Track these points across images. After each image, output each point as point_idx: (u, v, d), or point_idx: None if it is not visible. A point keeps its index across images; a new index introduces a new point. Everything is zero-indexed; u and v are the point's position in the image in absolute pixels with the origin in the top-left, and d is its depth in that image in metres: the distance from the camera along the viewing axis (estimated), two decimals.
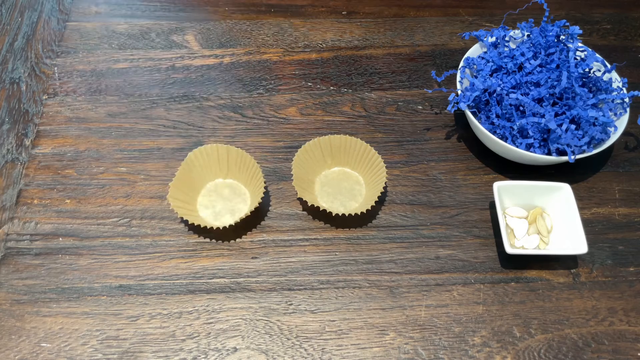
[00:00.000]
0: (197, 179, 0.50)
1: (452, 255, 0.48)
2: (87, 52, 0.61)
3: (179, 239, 0.48)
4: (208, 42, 0.62)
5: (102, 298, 0.45)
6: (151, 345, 0.43)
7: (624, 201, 0.52)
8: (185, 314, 0.44)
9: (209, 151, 0.50)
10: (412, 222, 0.50)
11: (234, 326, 0.44)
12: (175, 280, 0.46)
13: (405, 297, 0.46)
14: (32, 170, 0.52)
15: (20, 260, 0.47)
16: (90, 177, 0.51)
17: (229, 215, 0.49)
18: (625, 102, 0.51)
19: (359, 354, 0.43)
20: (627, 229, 0.50)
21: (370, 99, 0.58)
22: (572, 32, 0.53)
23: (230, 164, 0.50)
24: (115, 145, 0.54)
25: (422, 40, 0.63)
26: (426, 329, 0.44)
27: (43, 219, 0.49)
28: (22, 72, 0.59)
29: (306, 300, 0.45)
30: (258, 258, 0.47)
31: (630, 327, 0.45)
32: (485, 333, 0.44)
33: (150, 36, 0.62)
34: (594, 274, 0.47)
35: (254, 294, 0.45)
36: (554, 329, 0.44)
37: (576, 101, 0.50)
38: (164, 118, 0.56)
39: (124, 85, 0.58)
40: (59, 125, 0.55)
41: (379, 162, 0.49)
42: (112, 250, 0.47)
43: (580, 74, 0.51)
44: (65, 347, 0.43)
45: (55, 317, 0.44)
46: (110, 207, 0.50)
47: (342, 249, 0.48)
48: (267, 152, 0.54)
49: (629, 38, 0.64)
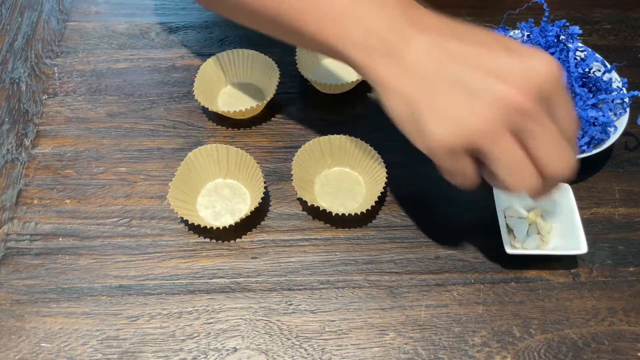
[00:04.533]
0: (197, 179, 0.50)
1: (452, 255, 0.48)
2: (87, 52, 0.61)
3: (179, 239, 0.48)
4: (208, 41, 0.62)
5: (102, 298, 0.45)
6: (151, 345, 0.43)
7: (624, 201, 0.52)
8: (185, 314, 0.44)
9: (208, 151, 0.50)
10: (412, 222, 0.50)
11: (234, 326, 0.44)
12: (175, 280, 0.46)
13: (405, 297, 0.46)
14: (32, 170, 0.52)
15: (20, 260, 0.47)
16: (90, 177, 0.51)
17: (229, 215, 0.49)
18: (625, 102, 0.51)
19: (359, 354, 0.43)
20: (627, 229, 0.50)
21: (371, 99, 0.57)
22: (572, 32, 0.53)
23: (230, 164, 0.50)
24: (115, 145, 0.54)
25: None
26: (426, 329, 0.44)
27: (43, 219, 0.49)
28: (22, 72, 0.59)
29: (306, 300, 0.45)
30: (258, 258, 0.47)
31: (630, 327, 0.45)
32: (485, 333, 0.44)
33: (150, 36, 0.62)
34: (594, 274, 0.47)
35: (254, 294, 0.45)
36: (554, 329, 0.44)
37: (576, 101, 0.50)
38: (163, 118, 0.56)
39: (124, 85, 0.58)
40: (58, 125, 0.55)
41: (379, 162, 0.49)
42: (112, 250, 0.47)
43: (580, 74, 0.51)
44: (65, 347, 0.43)
45: (55, 317, 0.44)
46: (110, 207, 0.50)
47: (342, 249, 0.48)
48: (267, 152, 0.54)
49: (629, 38, 0.64)
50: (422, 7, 0.39)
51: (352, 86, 0.57)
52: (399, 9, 0.37)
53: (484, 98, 0.34)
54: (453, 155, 0.36)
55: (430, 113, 0.36)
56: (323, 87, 0.56)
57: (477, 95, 0.34)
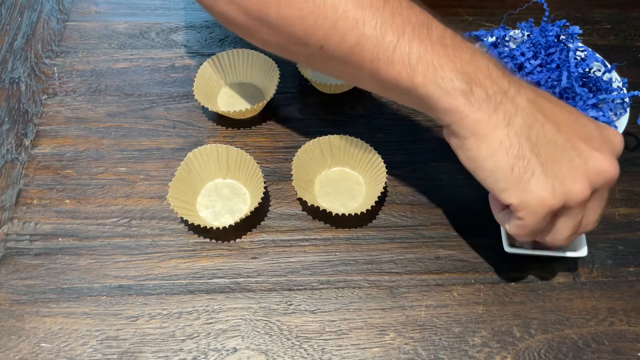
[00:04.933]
0: (196, 179, 0.50)
1: (452, 255, 0.48)
2: (86, 52, 0.61)
3: (178, 239, 0.48)
4: (208, 41, 0.62)
5: (102, 298, 0.45)
6: (151, 345, 0.43)
7: (624, 201, 0.52)
8: (185, 314, 0.44)
9: (208, 151, 0.50)
10: (412, 222, 0.50)
11: (233, 326, 0.44)
12: (175, 281, 0.46)
13: (405, 297, 0.46)
14: (31, 170, 0.52)
15: (20, 261, 0.47)
16: (89, 177, 0.51)
17: (228, 215, 0.49)
18: (625, 102, 0.51)
19: (359, 354, 0.43)
20: (628, 229, 0.50)
21: (371, 99, 0.57)
22: (572, 32, 0.53)
23: (230, 164, 0.50)
24: (114, 145, 0.54)
25: None
26: (426, 329, 0.44)
27: (43, 219, 0.49)
28: (21, 72, 0.59)
29: (306, 301, 0.45)
30: (258, 258, 0.47)
31: (631, 327, 0.45)
32: (485, 333, 0.44)
33: (150, 35, 0.62)
34: (594, 274, 0.47)
35: (253, 294, 0.45)
36: (554, 329, 0.44)
37: (576, 101, 0.50)
38: (163, 118, 0.56)
39: (124, 85, 0.58)
40: (58, 125, 0.55)
41: (379, 162, 0.49)
42: (112, 250, 0.47)
43: (580, 73, 0.51)
44: (64, 347, 0.43)
45: (55, 317, 0.44)
46: (110, 207, 0.50)
47: (342, 249, 0.48)
48: (267, 152, 0.54)
49: (629, 38, 0.64)
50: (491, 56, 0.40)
51: (352, 86, 0.57)
52: (489, 60, 0.38)
53: (585, 166, 0.37)
54: (549, 214, 0.38)
55: (540, 171, 0.37)
56: (323, 87, 0.56)
57: (579, 162, 0.37)
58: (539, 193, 0.37)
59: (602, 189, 0.39)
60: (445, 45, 0.38)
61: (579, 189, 0.37)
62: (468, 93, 0.37)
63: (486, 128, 0.37)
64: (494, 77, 0.37)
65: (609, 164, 0.38)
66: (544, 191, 0.37)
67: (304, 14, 0.39)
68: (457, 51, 0.38)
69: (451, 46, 0.38)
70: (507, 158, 0.37)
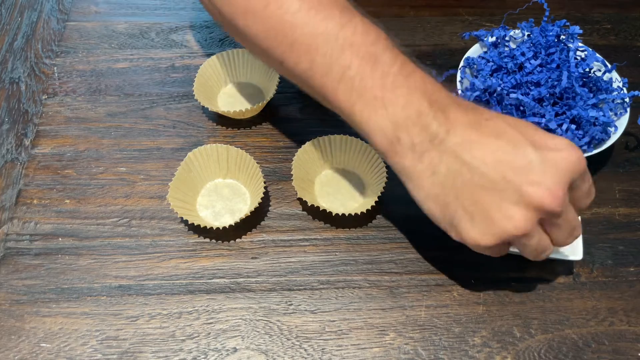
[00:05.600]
0: (196, 179, 0.50)
1: (452, 255, 0.48)
2: (86, 51, 0.61)
3: (178, 239, 0.48)
4: (208, 41, 0.62)
5: (102, 298, 0.45)
6: (151, 345, 0.43)
7: (624, 201, 0.52)
8: (185, 314, 0.44)
9: (208, 151, 0.50)
10: (412, 222, 0.50)
11: (233, 326, 0.44)
12: (175, 281, 0.46)
13: (405, 297, 0.46)
14: (31, 170, 0.52)
15: (20, 260, 0.47)
16: (89, 177, 0.51)
17: (228, 215, 0.49)
18: (625, 102, 0.51)
19: (359, 354, 0.43)
20: (628, 229, 0.50)
21: None
22: (573, 32, 0.53)
23: (230, 164, 0.50)
24: (114, 145, 0.54)
25: (422, 40, 0.63)
26: (426, 329, 0.44)
27: (43, 219, 0.49)
28: (21, 72, 0.59)
29: (306, 301, 0.45)
30: (258, 258, 0.47)
31: (631, 327, 0.45)
32: (486, 333, 0.44)
33: (150, 35, 0.62)
34: (594, 274, 0.47)
35: (253, 294, 0.45)
36: (554, 329, 0.44)
37: (576, 101, 0.50)
38: (163, 118, 0.56)
39: (124, 85, 0.58)
40: (58, 125, 0.55)
41: (379, 162, 0.49)
42: (112, 250, 0.47)
43: (580, 73, 0.51)
44: (64, 347, 0.43)
45: (55, 317, 0.44)
46: (110, 207, 0.50)
47: (342, 249, 0.48)
48: (267, 152, 0.54)
49: (629, 38, 0.64)
50: (444, 90, 0.40)
51: None
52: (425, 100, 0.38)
53: (519, 202, 0.36)
54: (488, 249, 0.39)
55: (465, 216, 0.38)
56: None
57: (511, 198, 0.36)
58: (470, 236, 0.38)
59: (552, 216, 0.37)
60: (384, 85, 0.38)
61: (512, 227, 0.37)
62: (395, 142, 0.38)
63: (414, 176, 0.39)
64: (424, 122, 0.38)
65: (547, 195, 0.36)
66: (473, 234, 0.38)
67: (267, 29, 0.41)
68: (394, 93, 0.38)
69: (390, 87, 0.38)
70: (435, 205, 0.39)
